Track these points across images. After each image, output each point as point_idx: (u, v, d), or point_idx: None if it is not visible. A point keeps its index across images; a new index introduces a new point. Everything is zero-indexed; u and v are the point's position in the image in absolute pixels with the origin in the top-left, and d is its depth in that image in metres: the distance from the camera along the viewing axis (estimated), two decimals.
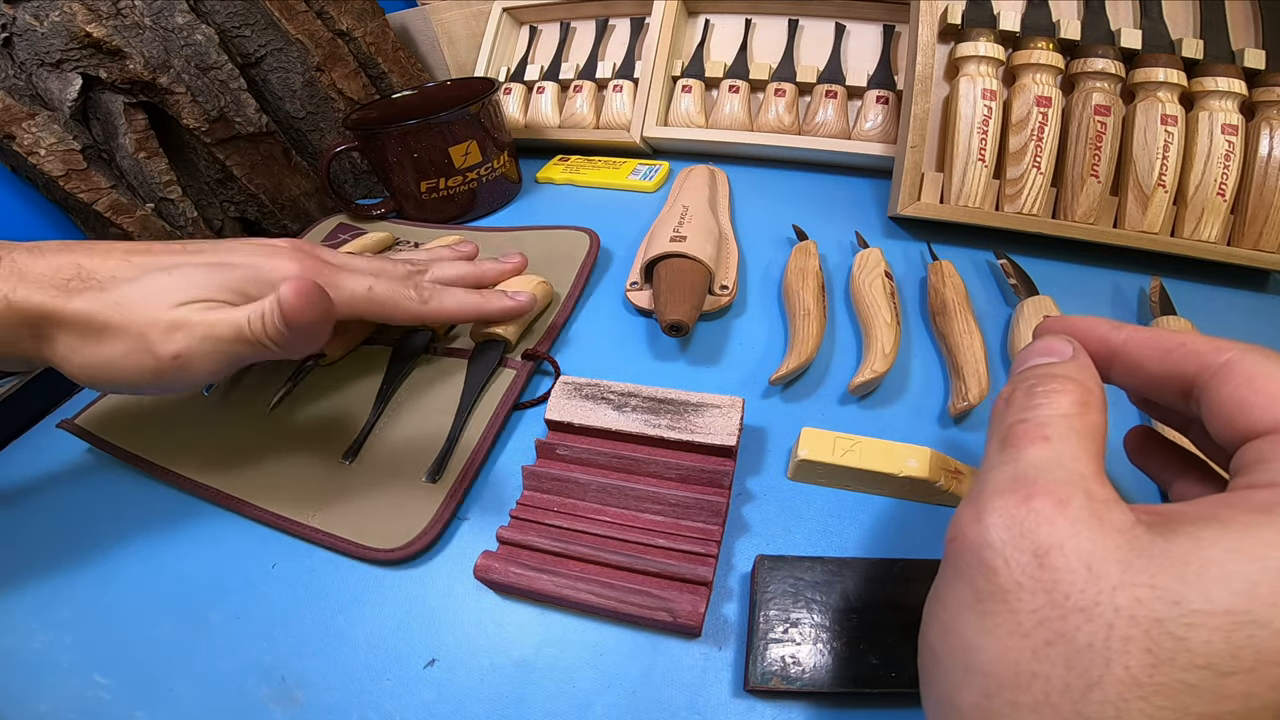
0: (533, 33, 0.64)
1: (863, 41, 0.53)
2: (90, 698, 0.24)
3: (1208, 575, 0.12)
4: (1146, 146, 0.38)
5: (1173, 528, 0.13)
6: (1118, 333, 0.18)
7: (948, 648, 0.15)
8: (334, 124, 0.54)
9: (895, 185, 0.43)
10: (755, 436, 0.31)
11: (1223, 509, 0.13)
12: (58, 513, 0.32)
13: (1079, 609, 0.13)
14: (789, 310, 0.37)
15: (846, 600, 0.23)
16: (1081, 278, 0.40)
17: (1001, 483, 0.15)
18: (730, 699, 0.22)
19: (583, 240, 0.44)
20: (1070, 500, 0.14)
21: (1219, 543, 0.12)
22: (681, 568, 0.24)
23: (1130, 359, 0.18)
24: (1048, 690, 0.12)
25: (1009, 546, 0.14)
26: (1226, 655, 0.11)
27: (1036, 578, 0.13)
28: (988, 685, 0.13)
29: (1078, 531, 0.13)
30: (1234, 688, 0.11)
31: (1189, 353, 0.16)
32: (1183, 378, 0.17)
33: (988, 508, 0.14)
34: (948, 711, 0.14)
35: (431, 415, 0.33)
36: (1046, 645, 0.13)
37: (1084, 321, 0.19)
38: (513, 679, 0.24)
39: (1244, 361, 0.15)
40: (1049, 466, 0.15)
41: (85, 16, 0.40)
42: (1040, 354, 0.18)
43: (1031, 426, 0.16)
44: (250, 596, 0.27)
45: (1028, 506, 0.14)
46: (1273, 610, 0.11)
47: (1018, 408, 0.17)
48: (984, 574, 0.14)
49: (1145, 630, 0.12)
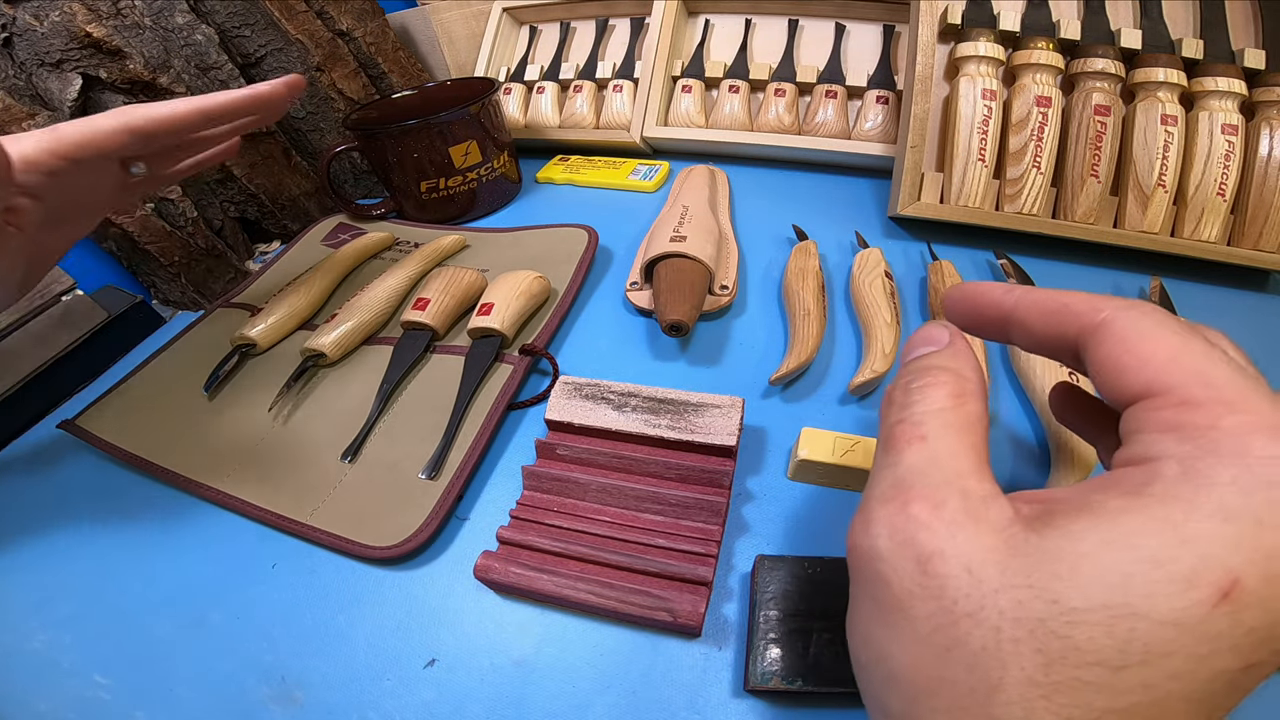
0: (533, 33, 0.64)
1: (863, 41, 0.53)
2: (90, 698, 0.24)
3: (1081, 571, 0.12)
4: (1146, 146, 0.38)
5: (1047, 520, 0.13)
6: (1009, 296, 0.17)
7: (868, 657, 0.15)
8: (334, 124, 0.54)
9: (895, 185, 0.43)
10: (755, 436, 0.31)
11: (1097, 494, 0.13)
12: (58, 513, 0.32)
13: (966, 614, 0.12)
14: (789, 310, 0.37)
15: (847, 600, 0.23)
16: (1081, 278, 0.40)
17: (885, 489, 0.15)
18: (730, 699, 0.22)
19: (580, 237, 0.44)
20: (946, 503, 0.14)
21: (1090, 535, 0.12)
22: (681, 568, 0.24)
23: (1021, 322, 0.17)
24: (955, 694, 0.12)
25: (895, 555, 0.14)
26: (1114, 650, 0.11)
27: (924, 585, 0.13)
28: (908, 691, 0.13)
29: (954, 535, 0.13)
30: (1131, 681, 0.11)
31: (1070, 314, 0.16)
32: (1067, 339, 0.16)
33: (873, 517, 0.14)
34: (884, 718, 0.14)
35: (430, 413, 0.33)
36: (946, 651, 0.13)
37: (977, 288, 0.18)
38: (513, 679, 0.24)
39: (1118, 321, 0.15)
40: (925, 468, 0.14)
41: (85, 16, 0.40)
42: (920, 344, 0.18)
43: (908, 426, 0.15)
44: (250, 596, 0.27)
45: (906, 513, 0.14)
46: (1149, 601, 0.11)
47: (897, 406, 0.16)
48: (880, 585, 0.14)
49: (1030, 631, 0.12)
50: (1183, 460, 0.12)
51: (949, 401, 0.16)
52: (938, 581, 0.13)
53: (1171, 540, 0.12)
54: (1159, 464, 0.13)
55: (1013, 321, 0.17)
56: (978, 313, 0.18)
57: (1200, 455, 0.12)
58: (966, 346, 0.18)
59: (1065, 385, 0.22)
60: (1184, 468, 0.12)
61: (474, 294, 0.39)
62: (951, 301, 0.19)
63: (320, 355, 0.36)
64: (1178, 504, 0.12)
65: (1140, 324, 0.14)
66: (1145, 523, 0.12)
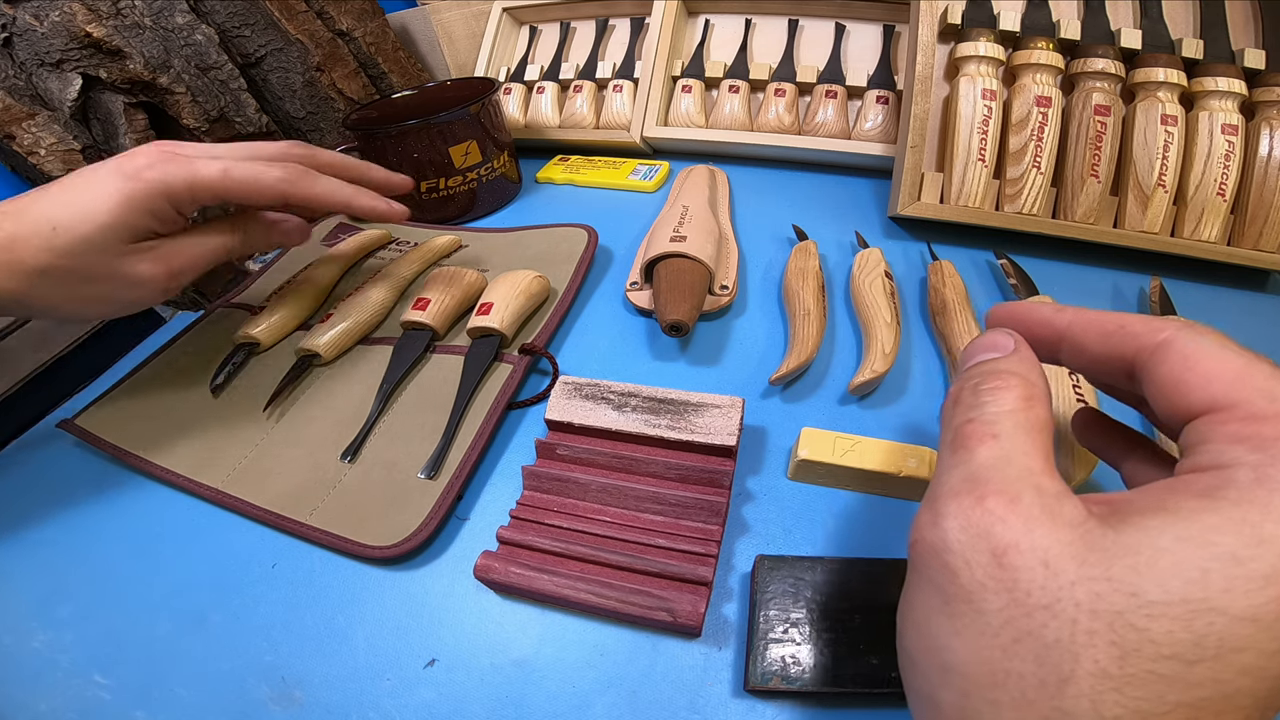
0: (533, 33, 0.64)
1: (863, 41, 0.53)
2: (90, 698, 0.24)
3: (1159, 565, 0.12)
4: (1146, 146, 0.38)
5: (1122, 518, 0.13)
6: (1061, 316, 0.18)
7: (922, 649, 0.15)
8: (334, 124, 0.54)
9: (895, 185, 0.43)
10: (755, 436, 0.31)
11: (1169, 496, 0.13)
12: (58, 513, 0.32)
13: (1042, 606, 0.13)
14: (789, 310, 0.37)
15: (847, 600, 0.23)
16: (1081, 278, 0.40)
17: (955, 484, 0.15)
18: (730, 699, 0.22)
19: (580, 236, 0.44)
20: (1021, 497, 0.14)
21: (1167, 531, 0.13)
22: (681, 568, 0.24)
23: (1075, 342, 0.18)
24: (1023, 687, 0.13)
25: (967, 548, 0.14)
26: (1190, 644, 0.11)
27: (997, 577, 0.13)
28: (965, 685, 0.13)
29: (1031, 529, 0.13)
30: (1203, 675, 0.11)
31: (1128, 334, 0.16)
32: (1124, 359, 0.17)
33: (944, 510, 0.15)
34: (931, 711, 0.15)
35: (430, 413, 0.33)
36: (1015, 643, 0.13)
37: (1027, 307, 0.19)
38: (513, 679, 0.24)
39: (1179, 340, 0.15)
40: (999, 465, 0.15)
41: (85, 16, 0.40)
42: (984, 350, 0.18)
43: (979, 425, 0.16)
44: (250, 596, 0.27)
45: (982, 507, 0.14)
46: (1227, 596, 0.12)
47: (965, 407, 0.17)
48: (947, 577, 0.14)
49: (1108, 624, 0.12)
50: (1256, 467, 0.13)
51: (1019, 404, 0.16)
52: (1012, 574, 0.13)
53: (1250, 539, 0.12)
54: (1232, 470, 0.13)
55: (1066, 340, 0.18)
56: (1027, 331, 0.19)
57: (1272, 463, 0.13)
58: (1032, 353, 0.18)
59: (1088, 410, 0.23)
60: (1257, 474, 0.13)
61: (474, 294, 0.39)
62: (998, 319, 0.20)
63: (315, 355, 0.36)
64: (1254, 506, 0.12)
65: (1202, 343, 0.15)
66: (1222, 522, 0.12)
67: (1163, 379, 0.15)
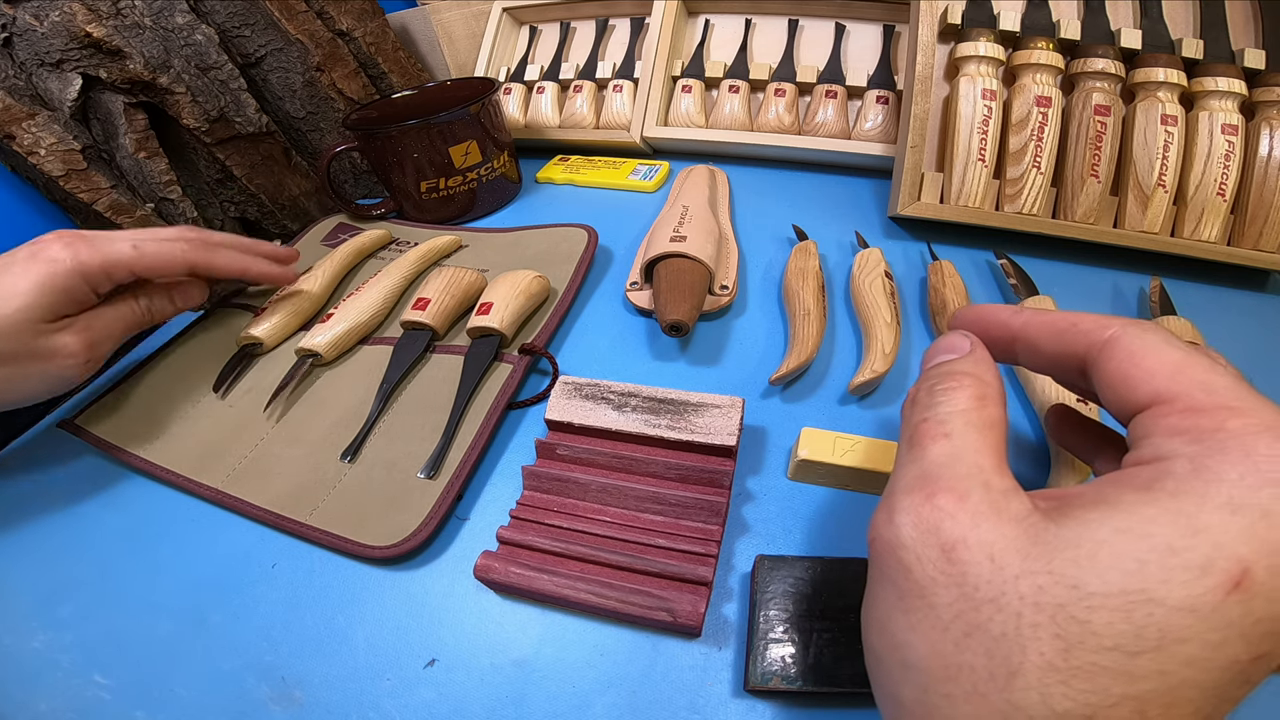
0: (533, 33, 0.64)
1: (863, 41, 0.53)
2: (90, 698, 0.24)
3: (1099, 557, 0.12)
4: (1146, 146, 0.38)
5: (1065, 512, 0.13)
6: (1016, 317, 0.19)
7: (884, 646, 0.15)
8: (334, 124, 0.54)
9: (895, 185, 0.43)
10: (755, 436, 0.31)
11: (1110, 489, 0.14)
12: (58, 513, 0.32)
13: (988, 600, 0.13)
14: (789, 310, 0.37)
15: (846, 600, 0.23)
16: (1081, 278, 0.40)
17: (909, 481, 0.15)
18: (730, 699, 0.22)
19: (580, 236, 0.44)
20: (970, 494, 0.14)
21: (1106, 524, 0.13)
22: (681, 568, 0.24)
23: (1029, 341, 0.18)
24: (974, 680, 0.13)
25: (919, 544, 0.14)
26: (1131, 635, 0.12)
27: (947, 572, 0.14)
28: (923, 680, 0.14)
29: (978, 524, 0.14)
30: (1146, 667, 0.11)
31: (1079, 332, 0.17)
32: (1076, 356, 0.17)
33: (897, 507, 0.15)
34: (895, 708, 0.15)
35: (430, 413, 0.33)
36: (965, 636, 0.13)
37: (985, 310, 0.20)
38: (513, 679, 0.24)
39: (1125, 337, 0.16)
40: (950, 462, 0.15)
41: (85, 16, 0.40)
42: (942, 352, 0.19)
43: (933, 424, 0.16)
44: (250, 596, 0.27)
45: (932, 504, 0.14)
46: (1165, 587, 0.12)
47: (921, 406, 0.17)
48: (901, 573, 0.14)
49: (1050, 616, 0.12)
50: (1193, 459, 0.13)
51: (972, 403, 0.16)
52: (960, 568, 0.13)
53: (1185, 530, 0.12)
54: (1170, 462, 0.13)
55: (1020, 341, 0.19)
56: (985, 333, 0.19)
57: (1209, 454, 0.13)
58: (987, 355, 0.18)
59: (1061, 407, 0.23)
60: (1194, 465, 0.13)
61: (474, 294, 0.39)
62: (959, 322, 0.20)
63: (315, 355, 0.36)
64: (1189, 497, 0.12)
65: (1146, 339, 0.15)
66: (1159, 513, 0.12)
67: (1110, 374, 0.16)
